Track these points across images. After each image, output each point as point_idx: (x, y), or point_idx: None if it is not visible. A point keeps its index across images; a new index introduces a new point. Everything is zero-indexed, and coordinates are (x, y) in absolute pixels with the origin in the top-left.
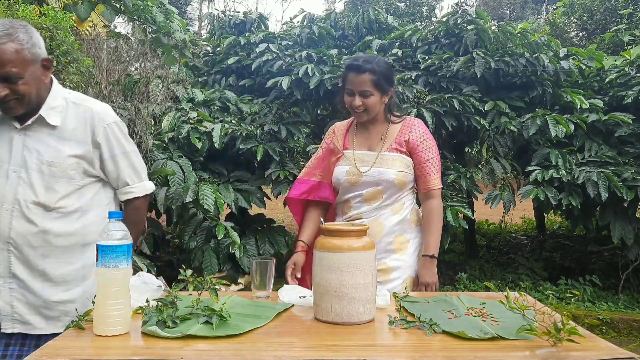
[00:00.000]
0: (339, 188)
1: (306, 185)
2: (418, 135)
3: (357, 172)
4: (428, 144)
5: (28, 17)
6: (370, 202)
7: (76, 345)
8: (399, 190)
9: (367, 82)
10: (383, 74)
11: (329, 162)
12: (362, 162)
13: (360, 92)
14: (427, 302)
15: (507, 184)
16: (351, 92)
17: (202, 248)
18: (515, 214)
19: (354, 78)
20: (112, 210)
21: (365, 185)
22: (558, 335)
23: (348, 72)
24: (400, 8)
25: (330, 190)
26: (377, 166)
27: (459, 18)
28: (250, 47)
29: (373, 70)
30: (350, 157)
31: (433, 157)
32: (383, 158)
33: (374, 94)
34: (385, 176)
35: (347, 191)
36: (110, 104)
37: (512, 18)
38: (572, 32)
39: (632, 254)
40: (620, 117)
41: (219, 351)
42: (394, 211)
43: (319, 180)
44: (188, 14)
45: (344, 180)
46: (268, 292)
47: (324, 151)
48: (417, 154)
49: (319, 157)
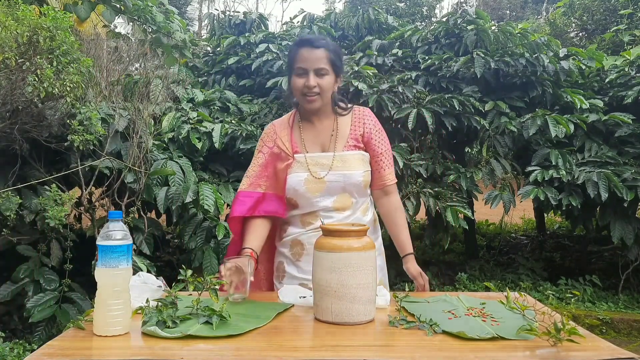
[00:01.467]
0: (297, 199)
1: (251, 199)
2: (371, 126)
3: (316, 179)
4: (381, 135)
5: (28, 17)
6: (341, 211)
7: (76, 345)
8: (365, 191)
9: (323, 58)
10: (337, 53)
11: (275, 170)
12: (319, 167)
13: (316, 70)
14: (427, 302)
15: (507, 184)
16: (303, 72)
17: (202, 248)
18: (515, 214)
19: (307, 54)
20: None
21: (330, 193)
22: (558, 336)
23: (299, 48)
24: (400, 8)
25: (278, 202)
26: (337, 169)
27: (459, 18)
28: (250, 47)
29: (328, 46)
30: (302, 162)
31: (387, 150)
32: (342, 159)
33: (329, 74)
34: (352, 179)
35: (310, 202)
36: (110, 104)
37: (512, 18)
38: (572, 32)
39: (632, 254)
40: (620, 117)
41: (219, 351)
42: (363, 213)
43: (263, 191)
44: (188, 14)
45: (304, 190)
46: (244, 294)
47: (267, 157)
48: (371, 147)
49: (262, 165)
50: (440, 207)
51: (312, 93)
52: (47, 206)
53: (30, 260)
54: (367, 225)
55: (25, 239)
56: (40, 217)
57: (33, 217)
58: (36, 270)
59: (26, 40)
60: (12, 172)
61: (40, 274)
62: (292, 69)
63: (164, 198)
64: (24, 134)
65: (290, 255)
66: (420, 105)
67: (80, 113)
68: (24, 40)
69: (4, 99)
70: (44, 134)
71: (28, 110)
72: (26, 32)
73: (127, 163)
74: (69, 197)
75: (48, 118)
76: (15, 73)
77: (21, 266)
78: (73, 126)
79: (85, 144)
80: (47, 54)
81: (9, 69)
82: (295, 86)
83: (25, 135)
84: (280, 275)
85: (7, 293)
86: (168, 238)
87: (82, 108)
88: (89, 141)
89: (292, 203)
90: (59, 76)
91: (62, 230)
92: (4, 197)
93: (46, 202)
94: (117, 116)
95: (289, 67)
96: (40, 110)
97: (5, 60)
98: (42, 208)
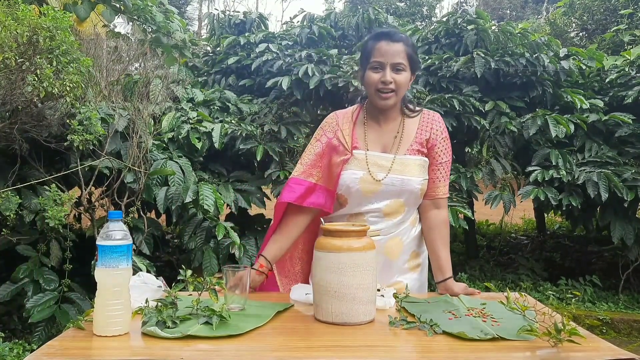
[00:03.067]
0: (348, 197)
1: (302, 187)
2: (439, 132)
3: (373, 180)
4: (446, 145)
5: (28, 17)
6: (390, 217)
7: (76, 345)
8: (419, 200)
9: (401, 52)
10: (414, 48)
11: (330, 162)
12: (378, 167)
13: (393, 65)
14: (427, 303)
15: (507, 184)
16: (380, 66)
17: (202, 248)
18: (516, 214)
19: (386, 48)
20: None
21: (384, 196)
22: (558, 336)
23: (377, 41)
24: (400, 8)
25: (327, 196)
26: (396, 173)
27: (459, 18)
28: (250, 47)
29: (406, 41)
30: (361, 159)
31: (447, 161)
32: (402, 162)
33: (406, 70)
34: (409, 186)
35: (360, 203)
36: (110, 104)
37: (513, 18)
38: (572, 32)
39: (633, 254)
40: (620, 117)
41: (219, 351)
42: (412, 224)
43: (315, 182)
44: (188, 14)
45: (357, 190)
46: (243, 304)
47: (324, 146)
48: (432, 155)
49: (318, 154)
50: None
51: (388, 89)
52: (47, 206)
53: (29, 261)
54: (415, 237)
55: (24, 239)
56: (39, 217)
57: (33, 217)
58: (36, 270)
59: (26, 40)
60: (12, 172)
61: (40, 274)
62: (366, 62)
63: (163, 198)
64: (23, 133)
65: None
66: (420, 105)
67: (80, 113)
68: (23, 40)
69: (4, 98)
70: (43, 134)
71: (28, 110)
72: (26, 32)
73: (126, 163)
74: (68, 197)
75: (48, 118)
76: (15, 73)
77: (21, 266)
78: (73, 126)
79: (85, 143)
80: (46, 54)
81: (8, 69)
82: (369, 81)
83: (25, 135)
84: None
85: (6, 293)
86: (168, 238)
87: (81, 108)
88: (89, 141)
89: (342, 201)
90: (58, 76)
91: (62, 230)
92: (3, 197)
93: (46, 202)
94: (116, 116)
95: (363, 61)
96: (40, 110)
97: (5, 60)
98: (42, 208)
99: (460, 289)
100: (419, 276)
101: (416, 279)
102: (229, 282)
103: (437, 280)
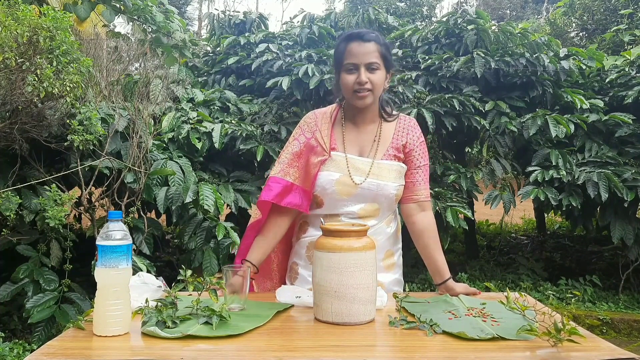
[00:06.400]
0: (323, 198)
1: (280, 185)
2: (415, 138)
3: (350, 183)
4: (423, 149)
5: (28, 17)
6: (366, 219)
7: (76, 345)
8: (393, 206)
9: (374, 52)
10: (387, 47)
11: (308, 162)
12: (356, 171)
13: (367, 65)
14: (427, 303)
15: (507, 184)
16: (354, 67)
17: (202, 248)
18: (516, 214)
19: (357, 49)
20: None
21: (360, 200)
22: (558, 336)
23: (349, 42)
24: (401, 8)
25: (303, 196)
26: (374, 177)
27: (459, 18)
28: (250, 47)
29: (378, 40)
30: (340, 161)
31: (425, 165)
32: (379, 167)
33: (380, 68)
34: (384, 191)
35: (335, 205)
36: (110, 104)
37: (513, 18)
38: (572, 32)
39: (633, 254)
40: (620, 117)
41: (219, 351)
42: (387, 224)
43: (292, 181)
44: (188, 14)
45: (332, 191)
46: (242, 304)
47: (302, 146)
48: (410, 159)
49: (295, 153)
50: (440, 208)
51: (364, 89)
52: (47, 206)
53: (29, 261)
54: (390, 236)
55: (25, 239)
56: (40, 217)
57: (33, 217)
58: (36, 270)
59: (26, 40)
60: (12, 172)
61: (40, 274)
62: (340, 65)
63: (163, 198)
64: (23, 133)
65: (305, 257)
66: (421, 105)
67: (80, 113)
68: (24, 40)
69: (4, 98)
70: (43, 134)
71: (28, 110)
72: (26, 32)
73: (127, 163)
74: (68, 197)
75: (48, 118)
76: (15, 73)
77: (21, 266)
78: (73, 126)
79: (85, 144)
80: (47, 54)
81: (8, 69)
82: (345, 84)
83: (25, 135)
84: (292, 276)
85: (6, 293)
86: (168, 238)
87: (82, 108)
88: (89, 141)
89: (318, 201)
90: (58, 76)
91: (62, 230)
92: (3, 197)
93: (46, 202)
94: (117, 116)
95: (336, 64)
96: (40, 110)
97: (5, 60)
98: (42, 208)
99: (461, 288)
100: (399, 277)
101: (397, 280)
102: (228, 282)
103: (436, 282)
